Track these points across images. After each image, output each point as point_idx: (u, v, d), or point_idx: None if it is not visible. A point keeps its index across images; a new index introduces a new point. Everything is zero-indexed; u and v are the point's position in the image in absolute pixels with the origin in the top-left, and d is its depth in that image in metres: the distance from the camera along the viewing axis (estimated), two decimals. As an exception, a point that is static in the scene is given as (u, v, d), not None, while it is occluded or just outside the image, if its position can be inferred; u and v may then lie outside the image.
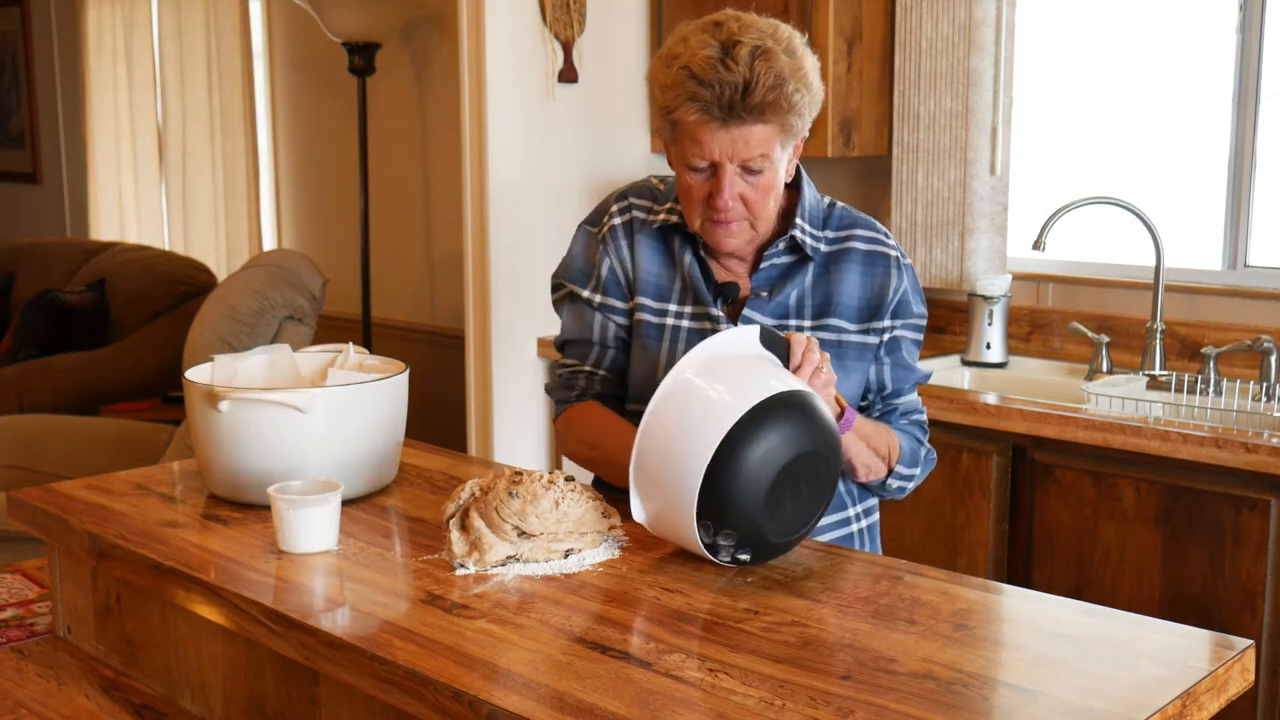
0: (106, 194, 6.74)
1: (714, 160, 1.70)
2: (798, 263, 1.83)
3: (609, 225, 1.90)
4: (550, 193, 3.52)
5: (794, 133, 1.72)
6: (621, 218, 1.90)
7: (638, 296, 1.87)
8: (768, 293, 1.82)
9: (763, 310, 1.81)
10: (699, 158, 1.70)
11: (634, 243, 1.88)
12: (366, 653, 1.34)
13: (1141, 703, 1.21)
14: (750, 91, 1.64)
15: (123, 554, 1.69)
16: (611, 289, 1.89)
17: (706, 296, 1.82)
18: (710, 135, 1.68)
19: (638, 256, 1.87)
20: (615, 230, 1.89)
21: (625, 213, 1.90)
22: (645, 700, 1.22)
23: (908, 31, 3.23)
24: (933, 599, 1.48)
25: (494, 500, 1.57)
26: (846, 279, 1.83)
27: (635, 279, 1.88)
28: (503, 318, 3.47)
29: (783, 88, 1.65)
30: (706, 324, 1.82)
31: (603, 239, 1.90)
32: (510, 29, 3.39)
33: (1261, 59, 2.91)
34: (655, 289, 1.86)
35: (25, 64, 7.19)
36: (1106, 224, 3.09)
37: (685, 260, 1.84)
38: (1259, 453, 2.30)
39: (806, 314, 1.82)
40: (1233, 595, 2.38)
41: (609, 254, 1.89)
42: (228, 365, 1.98)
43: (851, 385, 1.84)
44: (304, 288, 3.68)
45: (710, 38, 1.67)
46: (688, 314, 1.84)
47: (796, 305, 1.82)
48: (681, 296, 1.85)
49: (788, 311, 1.82)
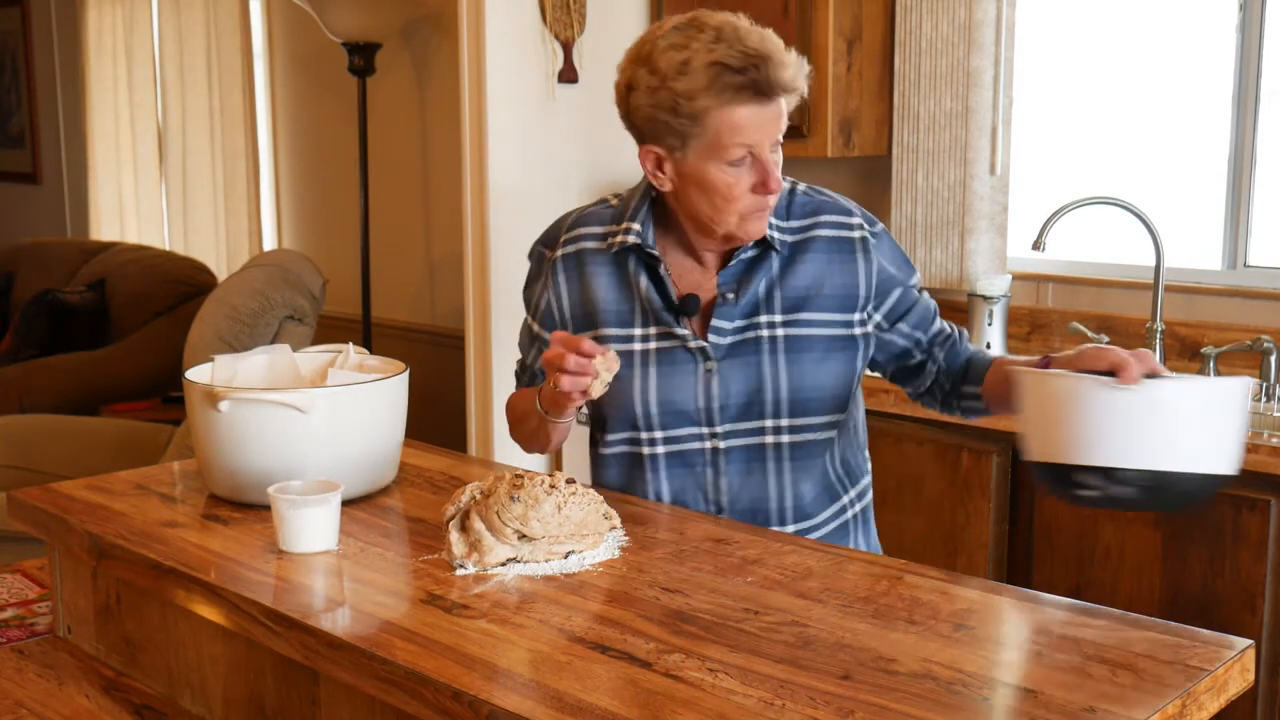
0: (106, 194, 6.74)
1: (754, 145, 1.68)
2: (760, 256, 1.79)
3: (553, 257, 1.88)
4: (550, 193, 3.52)
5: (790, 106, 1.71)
6: (567, 248, 1.87)
7: (601, 328, 1.83)
8: (734, 294, 1.79)
9: (730, 313, 1.78)
10: (741, 147, 1.68)
11: (584, 275, 1.84)
12: (366, 653, 1.34)
13: (1141, 703, 1.21)
14: (783, 65, 1.65)
15: (123, 554, 1.69)
16: (545, 322, 1.89)
17: (667, 317, 1.79)
18: (753, 120, 1.66)
19: (591, 289, 1.84)
20: (557, 264, 1.87)
21: (574, 243, 1.86)
22: (645, 700, 1.22)
23: (908, 31, 3.23)
24: (933, 599, 1.48)
25: (495, 504, 1.57)
26: (817, 269, 1.79)
27: (588, 311, 1.84)
28: (503, 318, 3.47)
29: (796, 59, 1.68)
30: (674, 343, 1.79)
31: (547, 269, 1.89)
32: (510, 29, 3.39)
33: (1261, 59, 2.91)
34: (616, 316, 1.82)
35: (25, 64, 7.19)
36: (1106, 224, 3.09)
37: (641, 283, 1.81)
38: (1259, 453, 2.30)
39: (777, 308, 1.78)
40: (1233, 595, 2.38)
41: (549, 288, 1.88)
42: (228, 365, 1.98)
43: (831, 375, 1.80)
44: (304, 288, 3.69)
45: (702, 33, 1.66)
46: (653, 335, 1.80)
47: (765, 300, 1.79)
48: (644, 319, 1.81)
49: (757, 308, 1.78)
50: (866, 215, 1.85)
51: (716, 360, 1.78)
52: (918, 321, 1.87)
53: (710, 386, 1.78)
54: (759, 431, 1.79)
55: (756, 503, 1.81)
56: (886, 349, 1.87)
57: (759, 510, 1.82)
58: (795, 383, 1.77)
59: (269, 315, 3.55)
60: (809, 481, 1.82)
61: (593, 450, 1.92)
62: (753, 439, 1.79)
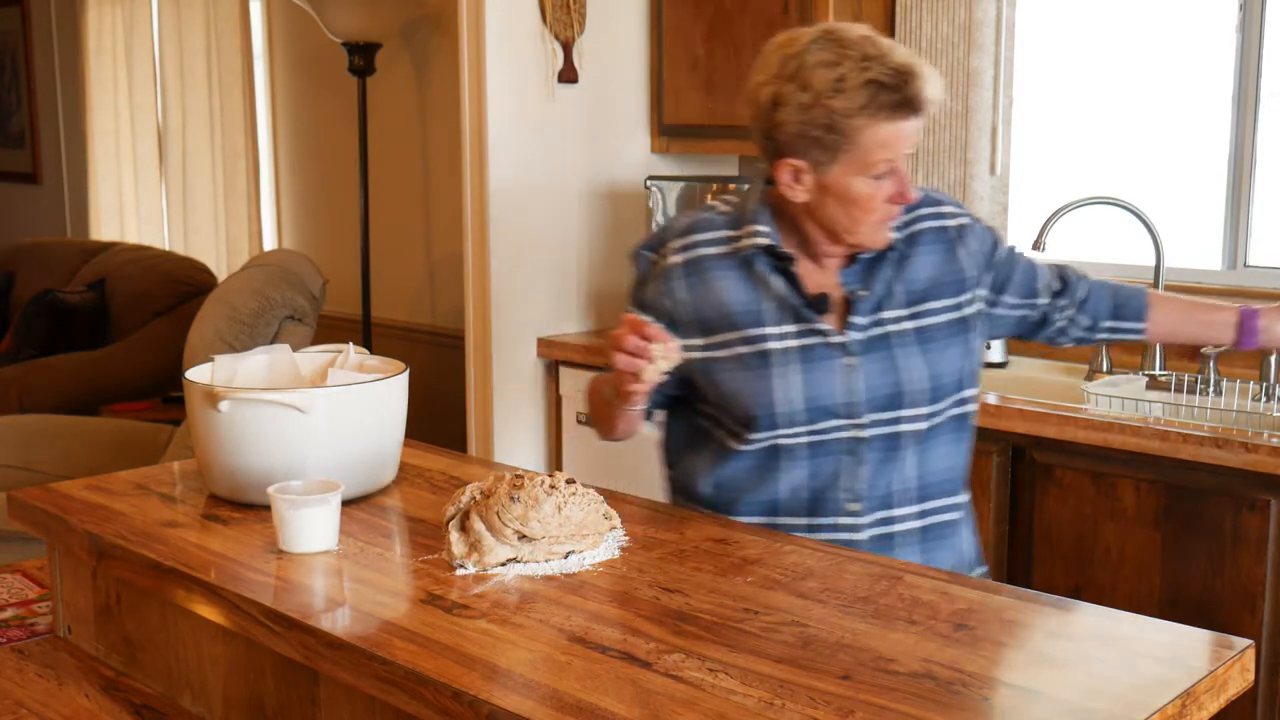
0: (106, 194, 6.74)
1: (896, 159, 1.74)
2: (879, 254, 1.85)
3: (666, 263, 1.89)
4: (550, 193, 3.52)
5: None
6: (685, 255, 1.88)
7: (740, 329, 1.84)
8: (866, 290, 1.83)
9: (865, 309, 1.82)
10: (886, 161, 1.74)
11: (707, 279, 1.85)
12: (366, 653, 1.34)
13: (1141, 703, 1.21)
14: (927, 79, 1.71)
15: (123, 554, 1.69)
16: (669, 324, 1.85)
17: (808, 314, 1.82)
18: (901, 135, 1.73)
19: (716, 292, 1.85)
20: (674, 269, 1.87)
21: (691, 249, 1.87)
22: (645, 700, 1.22)
23: (908, 31, 3.23)
24: (933, 599, 1.48)
25: (495, 504, 1.57)
26: (928, 260, 1.86)
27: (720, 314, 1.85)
28: (503, 318, 3.47)
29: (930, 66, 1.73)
30: (816, 339, 1.82)
31: (659, 275, 1.89)
32: (510, 29, 3.39)
33: (1261, 59, 2.91)
34: (749, 316, 1.84)
35: (25, 64, 7.19)
36: (1106, 224, 3.09)
37: (773, 282, 1.83)
38: (1259, 453, 2.30)
39: (899, 302, 1.84)
40: (1232, 595, 2.38)
41: (667, 294, 1.88)
42: (228, 365, 1.98)
43: (956, 359, 1.85)
44: (304, 288, 3.68)
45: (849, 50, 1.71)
46: (791, 334, 1.82)
47: (889, 295, 1.84)
48: (779, 318, 1.83)
49: (882, 303, 1.83)
50: (954, 201, 1.94)
51: (857, 355, 1.81)
52: (1024, 286, 1.94)
53: (853, 380, 1.81)
54: (898, 421, 1.82)
55: (891, 487, 1.84)
56: (1005, 321, 1.95)
57: (892, 494, 1.84)
58: (931, 370, 1.82)
59: (269, 315, 3.55)
60: (943, 464, 1.87)
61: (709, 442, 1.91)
62: (892, 428, 1.82)
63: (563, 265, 3.57)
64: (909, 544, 1.84)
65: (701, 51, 3.50)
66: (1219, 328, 2.02)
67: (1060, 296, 1.97)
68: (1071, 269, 2.01)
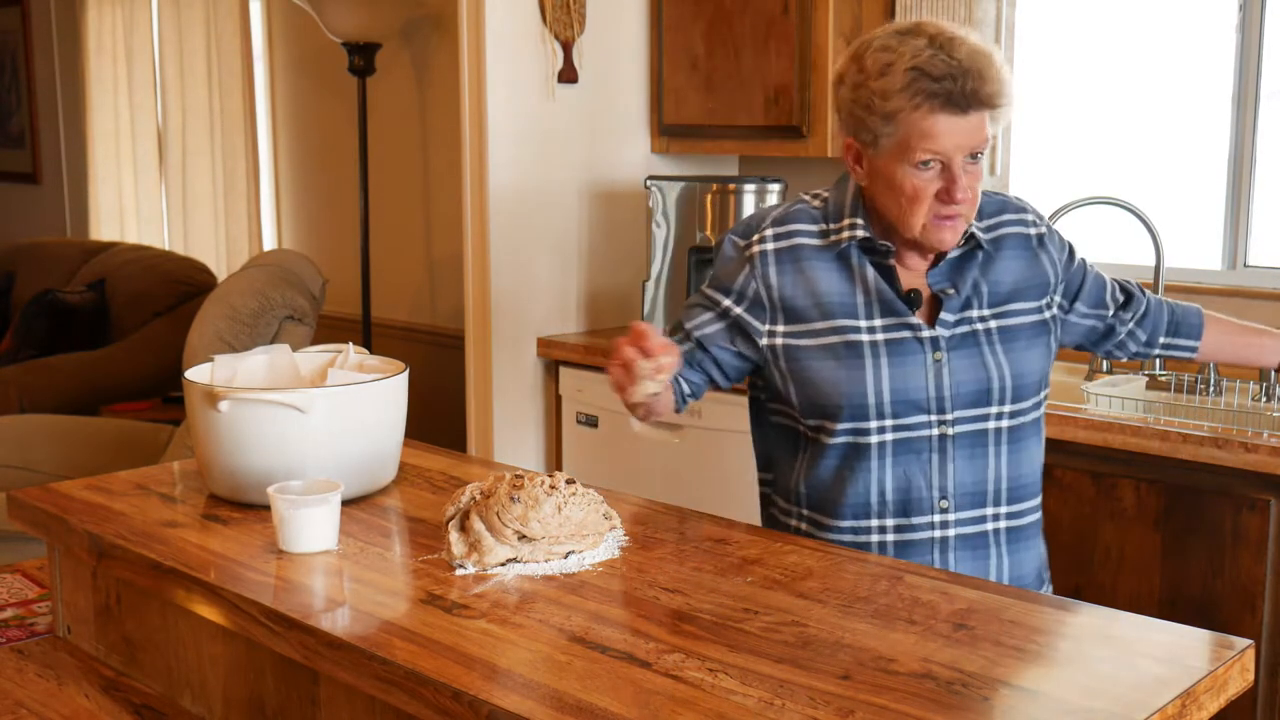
0: (106, 194, 6.74)
1: (945, 153, 1.73)
2: (966, 254, 1.86)
3: (759, 248, 1.88)
4: (550, 193, 3.52)
5: (1001, 121, 1.77)
6: (779, 243, 1.88)
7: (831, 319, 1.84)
8: (954, 288, 1.84)
9: (954, 306, 1.84)
10: (930, 153, 1.73)
11: (802, 268, 1.86)
12: (366, 653, 1.34)
13: (1141, 703, 1.21)
14: (985, 79, 1.70)
15: (123, 554, 1.69)
16: (752, 305, 1.87)
17: (900, 308, 1.83)
18: (946, 128, 1.71)
19: (812, 282, 1.85)
20: (767, 255, 1.87)
21: (786, 238, 1.88)
22: (645, 700, 1.22)
23: (908, 31, 3.22)
24: (933, 599, 1.48)
25: (495, 505, 1.57)
26: (1013, 264, 1.88)
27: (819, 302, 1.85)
28: (503, 318, 3.47)
29: (1003, 76, 1.73)
30: (906, 333, 1.82)
31: (750, 258, 1.88)
32: (510, 29, 3.39)
33: (1261, 59, 2.91)
34: (843, 308, 1.84)
35: (25, 64, 7.19)
36: (1106, 224, 3.09)
37: (868, 275, 1.84)
38: (1259, 453, 2.30)
39: (984, 302, 1.85)
40: (1232, 595, 2.38)
41: (755, 277, 1.87)
42: (228, 365, 1.98)
43: (1037, 360, 1.88)
44: (304, 288, 3.68)
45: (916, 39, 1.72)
46: (881, 327, 1.83)
47: (975, 294, 1.85)
48: (869, 311, 1.84)
49: (969, 302, 1.85)
50: (1035, 210, 1.95)
51: (945, 351, 1.82)
52: (1094, 296, 1.98)
53: (941, 376, 1.82)
54: (984, 418, 1.83)
55: (978, 485, 1.84)
56: (1075, 329, 1.98)
57: (980, 493, 1.85)
58: (1015, 369, 1.84)
59: (269, 315, 3.55)
60: (1026, 465, 1.88)
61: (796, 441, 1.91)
62: (978, 424, 1.83)
63: (563, 265, 3.57)
64: (998, 544, 1.85)
65: (701, 51, 3.50)
66: (1267, 351, 2.07)
67: (1124, 309, 2.01)
68: (1134, 283, 2.04)
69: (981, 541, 1.83)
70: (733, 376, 1.92)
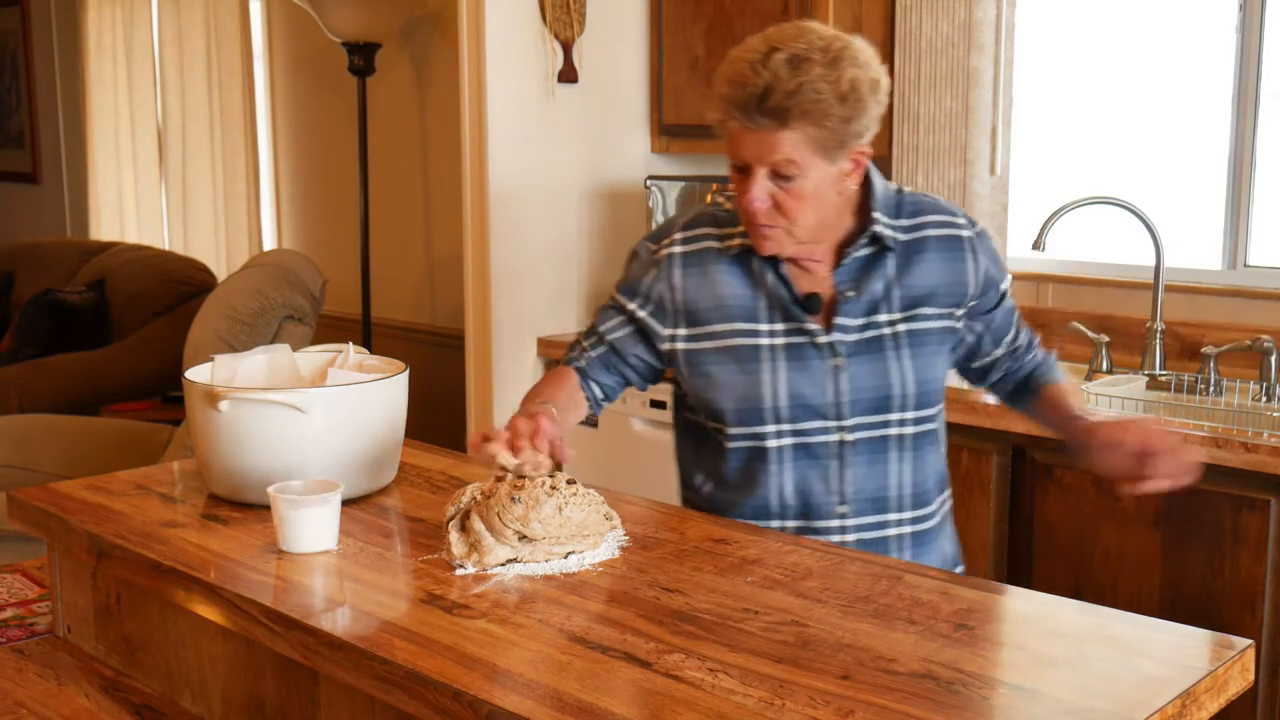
0: (106, 194, 6.74)
1: (745, 163, 1.73)
2: (877, 254, 1.84)
3: (667, 251, 1.89)
4: (550, 192, 3.52)
5: (832, 144, 1.71)
6: (687, 246, 1.88)
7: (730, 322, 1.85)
8: (855, 290, 1.83)
9: (854, 310, 1.82)
10: (735, 157, 1.74)
11: (708, 271, 1.86)
12: (366, 653, 1.34)
13: (1141, 702, 1.21)
14: (767, 96, 1.66)
15: (123, 554, 1.69)
16: (656, 309, 1.88)
17: (796, 312, 1.83)
18: (739, 136, 1.71)
19: (718, 284, 1.86)
20: (674, 259, 1.88)
21: (694, 242, 1.88)
22: (645, 700, 1.22)
23: (907, 31, 3.23)
24: (933, 599, 1.48)
25: (496, 505, 1.57)
26: (928, 267, 1.85)
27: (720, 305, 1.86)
28: (503, 318, 3.47)
29: (800, 95, 1.66)
30: (803, 339, 1.82)
31: (658, 262, 1.89)
32: (510, 29, 3.39)
33: (1261, 59, 2.91)
34: (743, 311, 1.85)
35: (25, 64, 7.19)
36: (1106, 224, 3.09)
37: (768, 279, 1.84)
38: (1259, 452, 2.30)
39: (895, 305, 1.83)
40: (1232, 595, 2.38)
41: (661, 279, 1.88)
42: (228, 365, 1.98)
43: (944, 367, 1.87)
44: (304, 288, 3.68)
45: (762, 43, 1.71)
46: (781, 331, 1.83)
47: (884, 297, 1.84)
48: (770, 316, 1.84)
49: (876, 305, 1.83)
50: (967, 216, 1.92)
51: (845, 356, 1.81)
52: (1000, 322, 1.95)
53: (840, 381, 1.81)
54: (885, 425, 1.82)
55: (879, 491, 1.84)
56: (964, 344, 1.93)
57: (880, 499, 1.85)
58: (920, 376, 1.83)
59: (269, 315, 3.55)
60: (927, 470, 1.87)
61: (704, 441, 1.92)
62: (879, 431, 1.82)
63: (562, 265, 3.57)
64: (900, 549, 1.85)
65: (701, 51, 3.50)
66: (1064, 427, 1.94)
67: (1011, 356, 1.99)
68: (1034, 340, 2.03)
69: (882, 547, 1.83)
70: (647, 377, 1.94)
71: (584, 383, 1.93)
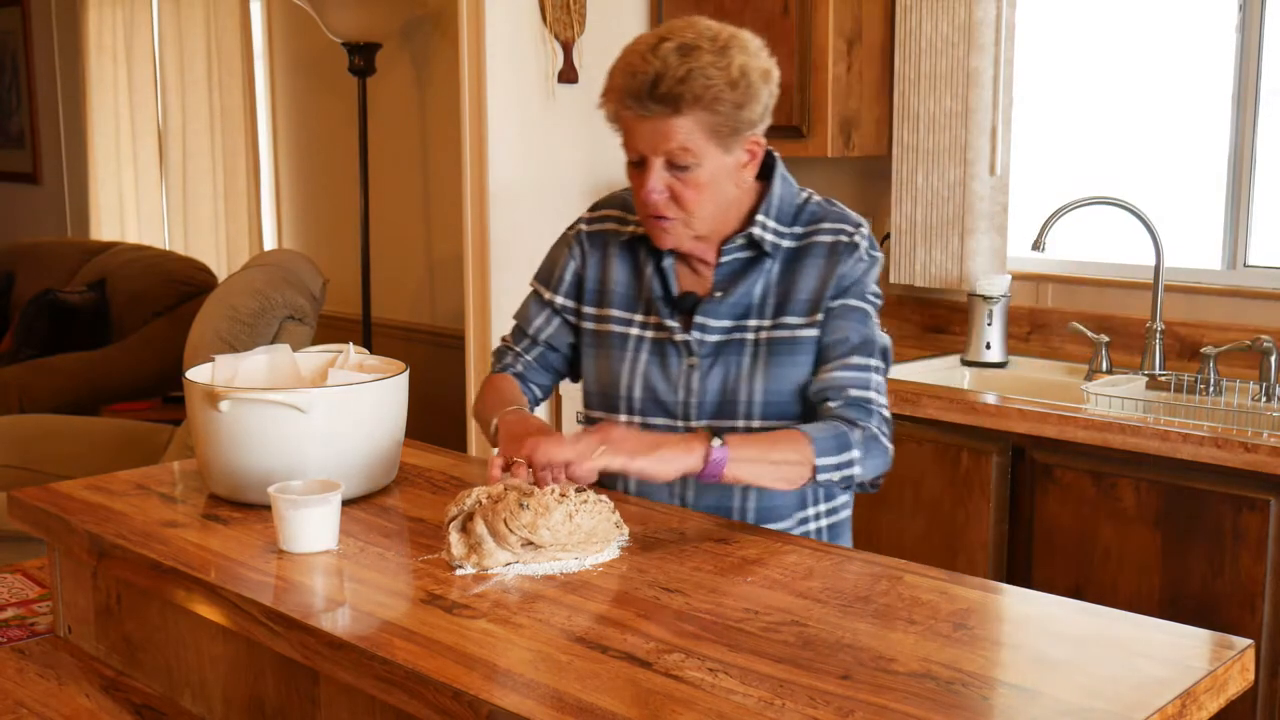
0: (106, 194, 6.74)
1: (641, 153, 1.73)
2: (755, 259, 1.82)
3: (575, 229, 1.95)
4: (550, 193, 3.52)
5: (725, 131, 1.70)
6: (592, 226, 1.93)
7: (608, 308, 1.89)
8: (723, 292, 1.81)
9: (716, 312, 1.81)
10: (629, 149, 1.74)
11: (606, 254, 1.90)
12: (366, 653, 1.34)
13: (1141, 703, 1.21)
14: (658, 83, 1.67)
15: (123, 554, 1.69)
16: (567, 289, 1.93)
17: (661, 308, 1.84)
18: (633, 127, 1.72)
19: (610, 268, 1.89)
20: (582, 236, 1.93)
21: (599, 222, 1.93)
22: (645, 700, 1.22)
23: (907, 31, 3.23)
24: (933, 599, 1.48)
25: (504, 511, 1.56)
26: (811, 274, 1.80)
27: (604, 289, 1.90)
28: (503, 318, 3.47)
29: (691, 80, 1.66)
30: (662, 334, 1.83)
31: (568, 241, 1.95)
32: (510, 29, 3.39)
33: (1261, 59, 2.91)
34: (623, 299, 1.88)
35: (25, 64, 7.19)
36: (1106, 224, 3.09)
37: (648, 271, 1.86)
38: (1258, 453, 2.30)
39: (769, 313, 1.80)
40: (1232, 595, 2.38)
41: (573, 257, 1.93)
42: (228, 365, 1.98)
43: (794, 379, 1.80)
44: (304, 288, 3.68)
45: (652, 36, 1.72)
46: (650, 324, 1.86)
47: (759, 304, 1.81)
48: (645, 307, 1.86)
49: (748, 310, 1.81)
50: (868, 235, 1.83)
51: (700, 357, 1.81)
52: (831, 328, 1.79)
53: (690, 382, 1.82)
54: (732, 430, 1.78)
55: (720, 500, 1.83)
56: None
57: (721, 509, 1.83)
58: (770, 385, 1.80)
59: (269, 315, 3.55)
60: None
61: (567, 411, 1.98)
62: None
63: (563, 265, 3.57)
64: None
65: (701, 51, 3.49)
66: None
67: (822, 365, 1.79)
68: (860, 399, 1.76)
69: None
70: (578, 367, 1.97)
71: (524, 387, 1.97)
